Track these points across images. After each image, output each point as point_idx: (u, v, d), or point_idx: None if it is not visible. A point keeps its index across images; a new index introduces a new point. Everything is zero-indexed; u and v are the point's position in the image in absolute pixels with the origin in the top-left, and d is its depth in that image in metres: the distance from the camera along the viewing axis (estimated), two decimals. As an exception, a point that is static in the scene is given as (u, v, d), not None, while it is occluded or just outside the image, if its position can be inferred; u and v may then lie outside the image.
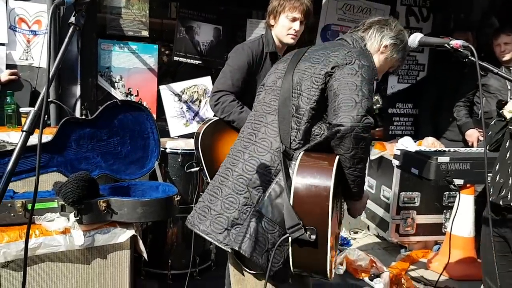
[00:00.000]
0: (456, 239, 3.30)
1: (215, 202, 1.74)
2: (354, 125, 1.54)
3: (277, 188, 1.63)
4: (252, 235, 1.60)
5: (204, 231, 1.71)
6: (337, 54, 1.70)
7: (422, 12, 4.54)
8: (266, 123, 1.78)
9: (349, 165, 1.60)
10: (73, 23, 1.17)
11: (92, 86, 3.73)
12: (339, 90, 1.61)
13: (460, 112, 3.92)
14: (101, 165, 2.61)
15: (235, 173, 1.74)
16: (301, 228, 1.50)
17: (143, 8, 3.80)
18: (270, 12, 2.57)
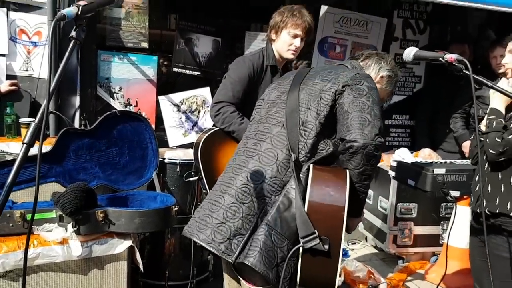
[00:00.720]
0: (453, 250, 3.30)
1: (217, 211, 1.72)
2: (367, 143, 1.59)
3: (285, 201, 1.64)
4: (262, 249, 1.59)
5: (205, 240, 1.69)
6: (346, 74, 1.77)
7: (419, 25, 4.59)
8: (272, 134, 1.80)
9: (356, 180, 1.64)
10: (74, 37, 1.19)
11: (91, 96, 3.75)
12: (351, 108, 1.67)
13: (456, 124, 3.94)
14: (99, 176, 2.62)
15: (239, 182, 1.74)
16: (316, 238, 1.51)
17: (143, 20, 3.84)
18: (272, 27, 2.61)
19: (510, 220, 2.12)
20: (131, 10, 3.80)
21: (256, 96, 2.58)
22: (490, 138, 2.13)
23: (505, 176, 2.15)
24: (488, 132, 2.15)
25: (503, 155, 2.09)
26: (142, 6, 3.80)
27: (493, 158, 2.13)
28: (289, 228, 1.60)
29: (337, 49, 4.39)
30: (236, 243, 1.64)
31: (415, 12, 4.55)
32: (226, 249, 1.64)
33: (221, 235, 1.67)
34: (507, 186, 2.14)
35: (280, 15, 2.55)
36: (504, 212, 2.13)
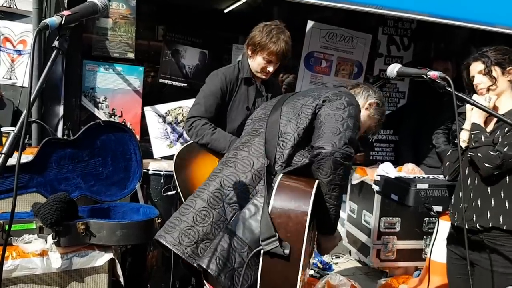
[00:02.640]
0: (436, 265, 3.31)
1: (187, 214, 1.72)
2: (334, 150, 1.62)
3: (252, 208, 1.63)
4: (218, 251, 1.59)
5: (172, 242, 1.67)
6: (328, 91, 1.84)
7: (403, 41, 4.66)
8: (250, 144, 1.83)
9: (326, 190, 1.65)
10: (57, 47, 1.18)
11: (75, 106, 3.72)
12: (326, 120, 1.72)
13: (439, 140, 3.99)
14: (81, 186, 2.59)
15: (212, 187, 1.75)
16: (276, 240, 1.49)
17: (130, 31, 3.84)
18: (249, 44, 2.63)
19: (503, 233, 2.13)
20: (118, 21, 3.80)
21: (231, 108, 2.63)
22: (482, 152, 2.13)
23: (495, 189, 2.17)
24: (478, 146, 2.16)
25: (500, 168, 2.10)
26: (129, 16, 3.80)
27: (489, 172, 2.14)
28: (252, 234, 1.58)
29: (323, 64, 4.44)
30: (203, 247, 1.64)
31: (399, 29, 4.62)
32: (192, 253, 1.64)
33: (188, 238, 1.66)
34: (497, 200, 2.16)
35: (259, 35, 2.55)
36: (497, 226, 2.14)
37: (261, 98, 2.74)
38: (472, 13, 3.55)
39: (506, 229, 2.12)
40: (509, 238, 2.12)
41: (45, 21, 1.15)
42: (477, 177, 2.23)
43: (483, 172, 2.16)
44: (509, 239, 2.12)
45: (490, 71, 2.21)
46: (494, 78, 2.21)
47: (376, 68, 4.60)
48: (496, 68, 2.21)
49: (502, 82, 2.22)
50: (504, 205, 2.14)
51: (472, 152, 2.20)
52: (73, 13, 1.23)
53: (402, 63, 4.58)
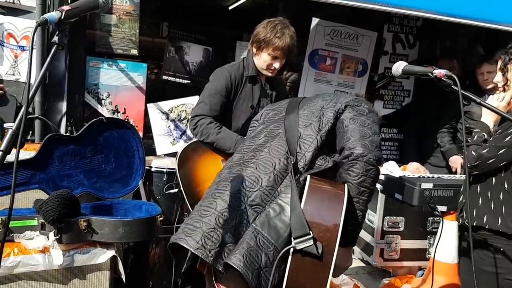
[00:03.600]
0: (440, 265, 3.29)
1: (209, 216, 1.65)
2: (367, 152, 1.63)
3: (276, 207, 1.61)
4: (245, 248, 1.54)
5: (194, 245, 1.60)
6: (347, 97, 1.86)
7: (408, 39, 4.63)
8: (270, 145, 1.81)
9: (355, 193, 1.62)
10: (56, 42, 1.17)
11: (78, 103, 3.71)
12: (351, 124, 1.73)
13: (444, 139, 3.96)
14: (84, 183, 2.59)
15: (233, 188, 1.70)
16: (310, 239, 1.45)
17: (133, 27, 3.82)
18: (253, 41, 2.60)
19: (489, 233, 2.14)
20: (122, 17, 3.78)
21: (236, 106, 2.60)
22: (468, 151, 2.17)
23: (483, 189, 2.18)
24: (468, 145, 2.20)
25: (476, 169, 2.12)
26: (133, 13, 3.79)
27: (468, 172, 2.16)
28: (278, 234, 1.55)
29: (328, 62, 4.41)
30: (227, 251, 1.59)
31: (405, 27, 4.59)
32: (216, 257, 1.58)
33: (211, 241, 1.59)
34: (484, 199, 2.16)
35: (263, 32, 2.53)
36: (480, 225, 2.15)
37: (265, 97, 2.72)
38: (477, 11, 3.52)
39: (488, 229, 2.13)
40: (494, 238, 2.13)
41: (44, 16, 1.14)
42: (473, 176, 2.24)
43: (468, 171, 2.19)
44: (495, 238, 2.13)
45: (506, 70, 2.17)
46: (506, 79, 2.17)
47: (381, 66, 4.57)
48: (511, 67, 2.16)
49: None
50: (489, 205, 2.14)
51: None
52: (73, 8, 1.21)
53: (408, 61, 4.55)
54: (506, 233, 2.10)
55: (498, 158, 2.08)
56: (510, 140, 2.05)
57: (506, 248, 2.11)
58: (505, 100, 2.16)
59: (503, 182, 2.12)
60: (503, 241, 2.11)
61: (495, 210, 2.12)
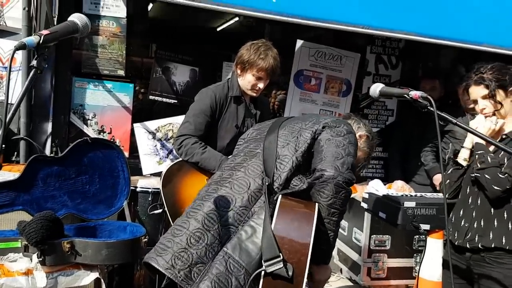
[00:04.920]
0: (425, 283, 3.29)
1: (180, 236, 1.65)
2: (337, 174, 1.63)
3: (248, 230, 1.61)
4: (214, 274, 1.54)
5: (164, 265, 1.60)
6: (327, 118, 1.87)
7: (391, 60, 4.71)
8: (247, 164, 1.82)
9: (325, 214, 1.63)
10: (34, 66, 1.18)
11: (64, 123, 3.70)
12: (327, 144, 1.73)
13: (427, 157, 4.02)
14: (68, 204, 2.57)
15: (207, 208, 1.70)
16: (280, 262, 1.46)
17: (120, 48, 3.85)
18: (238, 63, 2.66)
19: (505, 254, 2.14)
20: (109, 38, 3.81)
21: (221, 126, 2.63)
22: (490, 173, 2.11)
23: (499, 210, 2.16)
24: (484, 167, 2.14)
25: (510, 191, 2.09)
26: (119, 34, 3.82)
27: (497, 194, 2.12)
28: (249, 257, 1.55)
29: (312, 82, 4.48)
30: (196, 271, 1.58)
31: (387, 48, 4.68)
32: (185, 277, 1.57)
33: (181, 261, 1.59)
34: (500, 220, 2.15)
35: (247, 54, 2.59)
36: (500, 246, 2.14)
37: (250, 117, 2.75)
38: (459, 32, 3.61)
39: (508, 249, 2.12)
40: (510, 257, 2.13)
41: (22, 40, 1.15)
42: (481, 197, 2.22)
43: (490, 194, 2.14)
44: (510, 257, 2.13)
45: (495, 95, 2.15)
46: (499, 103, 2.16)
47: (364, 86, 4.64)
48: (499, 92, 2.15)
49: (507, 104, 2.18)
50: (507, 226, 2.14)
51: (478, 173, 2.17)
52: (52, 32, 1.22)
53: (390, 82, 4.64)
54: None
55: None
56: None
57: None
58: (499, 125, 2.16)
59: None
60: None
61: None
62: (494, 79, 2.14)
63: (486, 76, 2.16)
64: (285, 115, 4.47)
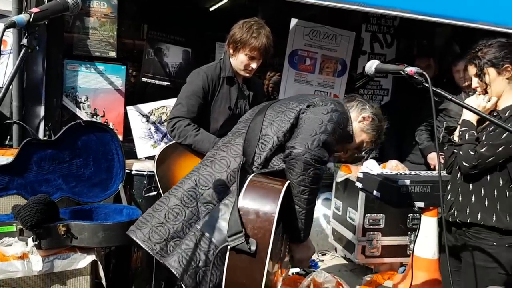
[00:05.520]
0: (420, 261, 3.34)
1: (159, 211, 1.71)
2: (305, 151, 1.62)
3: (222, 208, 1.63)
4: (182, 249, 1.58)
5: (141, 238, 1.67)
6: (316, 97, 1.85)
7: (386, 39, 4.69)
8: (230, 144, 1.83)
9: (295, 192, 1.64)
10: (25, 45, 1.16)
11: (56, 106, 3.66)
12: (306, 122, 1.72)
13: (421, 136, 4.03)
14: (63, 188, 2.56)
15: (187, 185, 1.74)
16: (242, 236, 1.48)
17: (111, 29, 3.80)
18: (230, 42, 2.61)
19: (483, 229, 2.16)
20: (100, 19, 3.76)
21: (214, 107, 2.61)
22: (463, 150, 2.16)
23: (476, 186, 2.19)
24: (461, 144, 2.19)
25: (476, 168, 2.13)
26: (111, 15, 3.76)
27: (466, 171, 2.17)
28: (221, 234, 1.57)
29: (307, 62, 4.45)
30: (172, 245, 1.63)
31: (382, 27, 4.66)
32: (161, 250, 1.63)
33: (158, 235, 1.65)
34: (478, 196, 2.18)
35: (239, 32, 2.54)
36: (475, 222, 2.17)
37: (243, 98, 2.73)
38: (453, 9, 3.58)
39: (483, 225, 2.16)
40: (488, 233, 2.16)
41: (12, 19, 1.13)
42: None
43: (461, 170, 2.20)
44: (488, 234, 2.16)
45: (483, 74, 2.14)
46: (485, 84, 2.15)
47: (360, 66, 4.62)
48: (490, 70, 2.14)
49: (499, 82, 2.15)
50: (483, 202, 2.16)
51: (455, 149, 2.23)
52: (42, 10, 1.20)
53: (386, 60, 4.62)
54: (501, 228, 2.12)
55: (497, 156, 2.08)
56: (506, 137, 2.05)
57: (499, 243, 2.14)
58: (491, 103, 2.16)
59: (497, 179, 2.14)
60: (497, 236, 2.14)
61: (490, 207, 2.14)
62: (485, 58, 2.13)
63: (479, 54, 2.15)
64: (279, 96, 4.45)
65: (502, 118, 2.14)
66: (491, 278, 2.15)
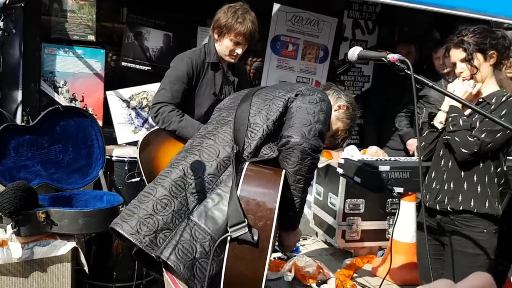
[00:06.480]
0: (399, 244, 3.42)
1: (147, 202, 1.65)
2: (303, 140, 1.61)
3: (215, 198, 1.61)
4: (177, 240, 1.54)
5: (129, 230, 1.59)
6: (301, 86, 1.83)
7: (368, 25, 4.70)
8: (217, 132, 1.80)
9: (291, 181, 1.64)
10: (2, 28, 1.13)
11: (34, 91, 3.59)
12: (297, 112, 1.71)
13: (401, 123, 4.08)
14: (42, 174, 2.53)
15: (175, 175, 1.69)
16: (245, 227, 1.46)
17: (90, 12, 3.72)
18: (215, 27, 2.58)
19: (474, 216, 2.18)
20: (79, 2, 3.67)
21: (199, 93, 2.58)
22: (460, 137, 2.14)
23: (468, 173, 2.19)
24: (455, 130, 2.16)
25: (476, 155, 2.12)
26: (89, -2, 3.68)
27: (465, 157, 2.14)
28: (215, 224, 1.55)
29: (290, 48, 4.43)
30: (162, 237, 1.58)
31: (364, 13, 4.66)
32: (150, 243, 1.57)
33: (147, 227, 1.59)
34: (470, 183, 2.19)
35: (224, 17, 2.51)
36: (468, 209, 2.18)
37: (228, 84, 2.71)
38: (433, -4, 3.59)
39: (476, 212, 2.17)
40: (479, 220, 2.18)
41: (-13, 1, 1.10)
42: (452, 160, 2.25)
43: (459, 156, 2.17)
44: (479, 221, 2.18)
45: (472, 59, 2.14)
46: (475, 68, 2.15)
47: (341, 52, 4.63)
48: (478, 55, 2.14)
49: (485, 68, 2.17)
50: (476, 189, 2.18)
51: (449, 136, 2.20)
52: (19, -8, 1.17)
53: (367, 47, 4.64)
54: (493, 215, 2.15)
55: (495, 142, 2.09)
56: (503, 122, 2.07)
57: (488, 230, 2.17)
58: (476, 88, 2.17)
59: (489, 165, 2.16)
60: (486, 223, 2.17)
61: (482, 193, 2.16)
62: (473, 43, 2.13)
63: (466, 39, 2.15)
64: (262, 82, 4.44)
65: (489, 104, 2.15)
66: (480, 264, 2.17)
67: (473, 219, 2.19)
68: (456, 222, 2.23)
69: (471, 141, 2.11)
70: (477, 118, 2.17)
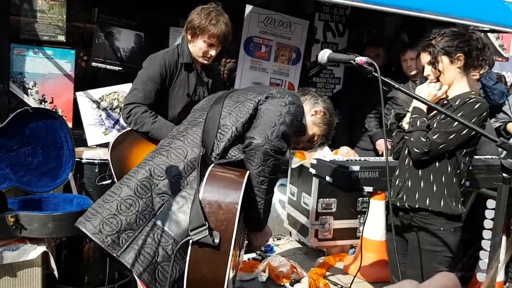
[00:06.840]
0: (369, 242, 3.49)
1: (111, 202, 1.64)
2: (265, 141, 1.62)
3: (180, 200, 1.61)
4: (139, 245, 1.54)
5: (91, 230, 1.59)
6: (273, 89, 1.85)
7: (338, 28, 4.77)
8: (187, 133, 1.80)
9: (255, 182, 1.64)
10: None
11: (3, 92, 3.52)
12: (264, 114, 1.72)
13: (371, 123, 4.16)
14: (10, 177, 2.48)
15: (141, 175, 1.68)
16: (205, 230, 1.46)
17: (60, 13, 3.66)
18: (188, 28, 2.57)
19: (430, 214, 2.24)
20: (48, 2, 3.61)
21: (172, 94, 2.57)
22: (414, 137, 2.20)
23: (425, 172, 2.26)
24: (412, 130, 2.23)
25: (427, 155, 2.18)
26: (59, -2, 3.62)
27: (417, 157, 2.21)
28: (179, 227, 1.56)
29: (263, 49, 4.47)
30: (125, 237, 1.57)
31: (335, 16, 4.73)
32: (112, 243, 1.57)
33: (110, 227, 1.59)
34: (426, 182, 2.25)
35: (197, 19, 2.50)
36: (423, 207, 2.24)
37: (202, 85, 2.70)
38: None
39: (431, 210, 2.23)
40: (435, 218, 2.24)
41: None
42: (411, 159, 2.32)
43: (412, 156, 2.24)
44: (436, 219, 2.24)
45: (437, 62, 2.19)
46: (439, 71, 2.20)
47: (313, 54, 4.69)
48: (443, 58, 2.19)
49: (451, 71, 2.21)
50: (432, 188, 2.24)
51: (406, 136, 2.28)
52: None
53: (338, 49, 4.72)
54: (448, 214, 2.21)
55: (448, 143, 2.15)
56: (458, 125, 2.10)
57: (445, 227, 2.23)
58: (441, 91, 2.22)
59: (446, 166, 2.21)
60: (443, 221, 2.23)
61: (438, 192, 2.22)
62: (439, 46, 2.18)
63: (434, 42, 2.20)
64: (235, 83, 4.45)
65: (452, 106, 2.21)
66: (438, 261, 2.24)
67: (429, 217, 2.25)
68: (415, 219, 2.30)
69: (423, 142, 2.17)
70: (438, 120, 2.23)
